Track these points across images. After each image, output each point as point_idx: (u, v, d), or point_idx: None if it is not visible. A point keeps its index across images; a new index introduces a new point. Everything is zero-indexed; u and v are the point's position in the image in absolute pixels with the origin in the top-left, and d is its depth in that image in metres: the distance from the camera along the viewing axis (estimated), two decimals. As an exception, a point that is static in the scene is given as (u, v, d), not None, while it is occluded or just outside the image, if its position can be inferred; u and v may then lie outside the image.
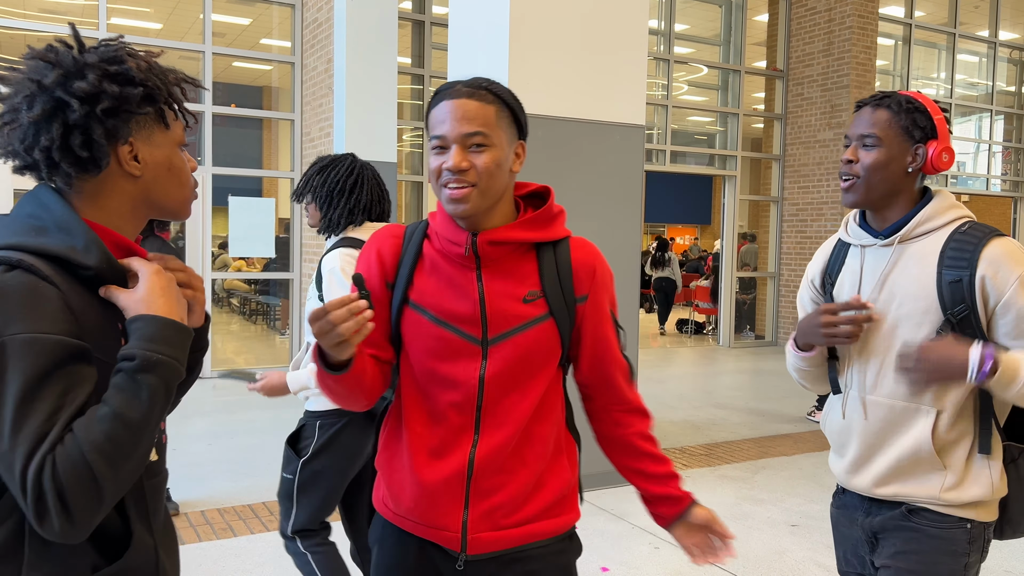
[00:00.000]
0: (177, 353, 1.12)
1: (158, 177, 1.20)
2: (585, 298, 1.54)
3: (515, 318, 1.48)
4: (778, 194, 11.54)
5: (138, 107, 1.16)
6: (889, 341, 1.76)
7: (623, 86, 4.81)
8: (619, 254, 4.88)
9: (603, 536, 4.16)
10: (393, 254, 1.53)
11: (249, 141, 10.15)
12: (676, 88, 11.45)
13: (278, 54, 9.16)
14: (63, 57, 1.14)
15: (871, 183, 1.75)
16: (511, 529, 1.51)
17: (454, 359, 1.48)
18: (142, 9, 8.93)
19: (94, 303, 1.13)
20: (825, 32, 10.79)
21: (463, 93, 1.43)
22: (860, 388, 1.83)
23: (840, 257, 1.90)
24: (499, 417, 1.49)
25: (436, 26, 9.36)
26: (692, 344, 12.19)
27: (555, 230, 1.53)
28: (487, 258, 1.48)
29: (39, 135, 1.12)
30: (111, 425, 1.03)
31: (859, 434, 1.84)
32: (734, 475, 5.27)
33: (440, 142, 1.42)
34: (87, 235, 1.12)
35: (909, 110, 1.73)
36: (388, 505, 1.56)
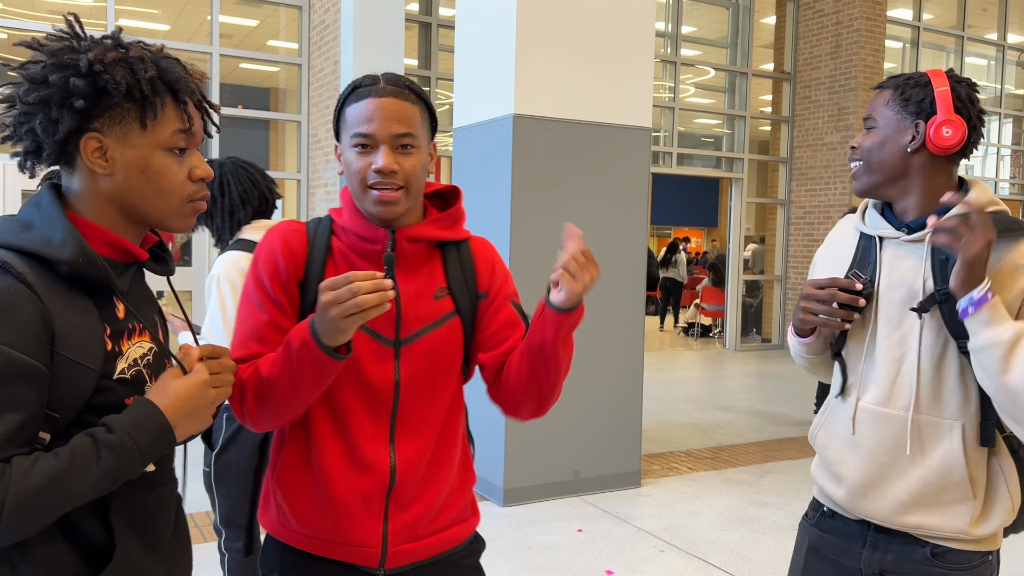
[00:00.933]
0: (150, 455, 1.10)
1: (130, 179, 1.14)
2: (486, 294, 1.52)
3: (427, 315, 1.44)
4: (785, 197, 11.51)
5: (90, 100, 1.10)
6: (903, 349, 1.57)
7: (630, 88, 4.80)
8: (625, 256, 4.87)
9: (608, 539, 4.14)
10: (300, 248, 1.43)
11: (256, 142, 10.17)
12: (683, 90, 11.43)
13: (285, 56, 9.17)
14: (48, 48, 1.13)
15: (870, 166, 1.61)
16: (429, 537, 1.48)
17: (367, 363, 1.40)
18: (150, 11, 8.95)
19: (76, 302, 1.09)
20: (833, 35, 10.76)
21: (390, 92, 1.38)
22: (873, 398, 1.61)
23: (870, 250, 1.66)
24: (415, 423, 1.44)
25: (443, 28, 9.37)
26: (698, 347, 12.16)
27: (460, 230, 1.52)
28: (401, 256, 1.44)
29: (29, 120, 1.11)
30: (47, 484, 1.00)
31: (870, 452, 1.61)
32: (740, 479, 5.25)
33: (367, 140, 1.37)
34: (65, 229, 1.08)
35: (907, 86, 1.57)
36: (289, 526, 1.45)
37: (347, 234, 1.45)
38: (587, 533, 4.21)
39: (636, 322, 4.94)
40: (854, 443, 1.64)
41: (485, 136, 4.74)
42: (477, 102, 4.83)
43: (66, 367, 1.06)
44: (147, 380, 1.18)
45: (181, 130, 1.17)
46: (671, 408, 7.41)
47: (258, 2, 8.70)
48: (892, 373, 1.58)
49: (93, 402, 1.09)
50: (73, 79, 1.09)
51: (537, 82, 4.51)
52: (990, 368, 1.43)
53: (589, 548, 4.02)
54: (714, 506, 4.69)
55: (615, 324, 4.85)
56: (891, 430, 1.58)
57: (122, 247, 1.16)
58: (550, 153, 4.58)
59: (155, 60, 1.15)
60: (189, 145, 1.19)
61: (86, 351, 1.08)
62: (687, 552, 4.00)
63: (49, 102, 1.10)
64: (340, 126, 1.43)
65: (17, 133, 1.12)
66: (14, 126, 1.12)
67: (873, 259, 1.64)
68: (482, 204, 4.75)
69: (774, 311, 11.76)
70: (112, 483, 1.07)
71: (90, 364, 1.08)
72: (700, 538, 4.19)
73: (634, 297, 4.93)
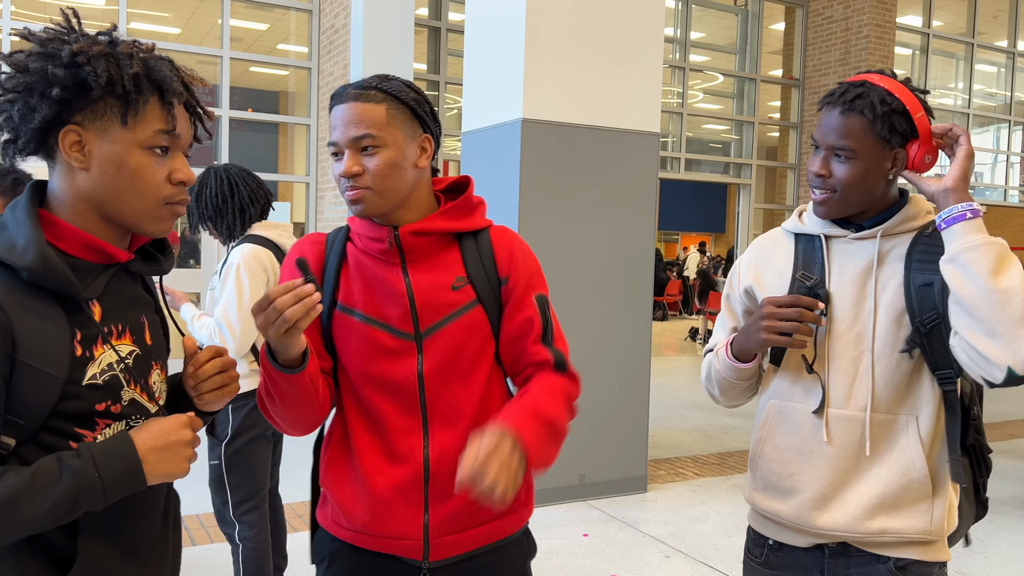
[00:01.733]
0: (113, 488, 1.07)
1: (106, 175, 1.11)
2: (507, 279, 1.51)
3: (445, 307, 1.45)
4: (793, 203, 11.49)
5: (71, 91, 1.08)
6: (860, 347, 1.53)
7: (638, 93, 4.81)
8: (632, 261, 4.87)
9: (614, 544, 4.14)
10: (315, 260, 1.50)
11: (265, 145, 10.21)
12: (691, 96, 11.44)
13: (295, 59, 9.22)
14: (38, 38, 1.13)
15: (848, 199, 1.53)
16: (473, 529, 1.48)
17: (388, 358, 1.44)
18: (161, 14, 9.01)
19: (42, 308, 1.06)
20: (842, 41, 10.75)
21: (351, 96, 1.40)
22: (832, 401, 1.55)
23: (813, 249, 1.62)
24: (446, 413, 1.45)
25: (452, 32, 9.40)
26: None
27: (475, 220, 1.52)
28: (411, 251, 1.46)
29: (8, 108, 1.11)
30: (5, 502, 0.99)
31: (829, 458, 1.54)
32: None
33: (335, 148, 1.42)
34: (29, 234, 1.06)
35: (886, 114, 1.49)
36: (339, 523, 1.50)
37: (359, 238, 1.48)
38: (593, 538, 4.21)
39: (643, 326, 4.94)
40: (810, 452, 1.56)
41: (494, 140, 4.75)
42: (486, 106, 4.85)
43: (29, 374, 1.04)
44: (123, 385, 1.15)
45: (164, 130, 1.14)
46: (678, 413, 7.40)
47: (268, 6, 8.74)
48: (850, 374, 1.54)
49: (60, 408, 1.08)
50: (52, 68, 1.08)
51: (546, 86, 4.52)
52: (981, 267, 1.38)
53: (595, 553, 4.02)
54: (720, 512, 4.68)
55: (622, 329, 4.85)
56: (852, 433, 1.53)
57: (98, 248, 1.14)
58: (558, 158, 4.59)
59: (143, 58, 1.13)
60: (172, 146, 1.16)
61: (50, 358, 1.06)
62: (693, 558, 4.00)
63: (30, 90, 1.09)
64: None
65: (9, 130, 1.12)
66: None
67: (819, 259, 1.60)
68: (490, 208, 4.77)
69: (781, 317, 11.72)
70: (70, 510, 1.05)
71: (54, 371, 1.06)
72: (706, 544, 4.18)
73: (641, 302, 4.93)
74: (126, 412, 1.17)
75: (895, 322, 1.52)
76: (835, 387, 1.55)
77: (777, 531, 1.64)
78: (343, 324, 1.46)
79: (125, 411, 1.16)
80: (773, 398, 1.66)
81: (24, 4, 8.03)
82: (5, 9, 7.54)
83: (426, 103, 1.47)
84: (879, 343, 1.53)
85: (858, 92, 1.51)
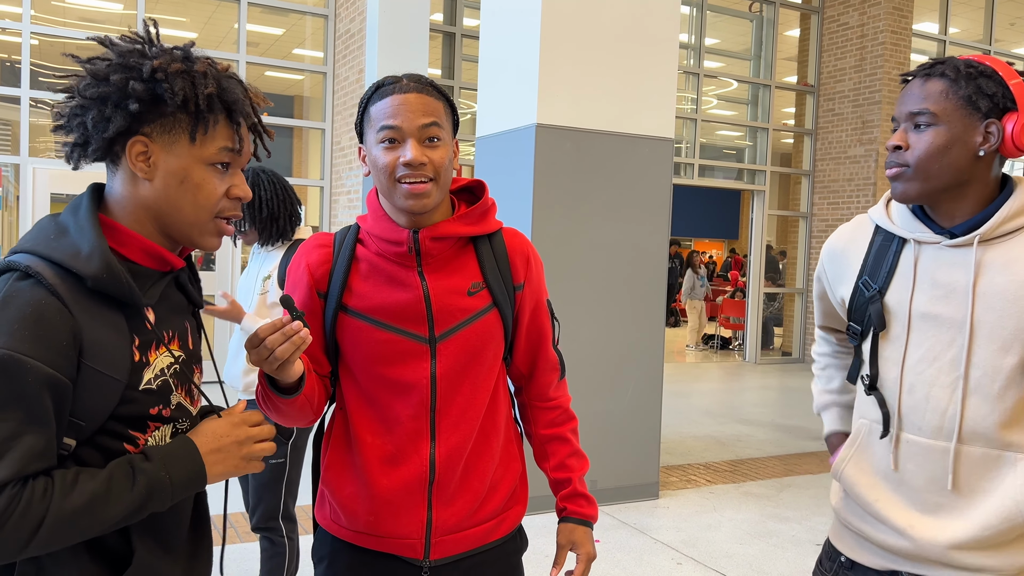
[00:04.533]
0: (180, 491, 1.13)
1: (168, 187, 1.14)
2: (522, 286, 1.54)
3: (461, 312, 1.46)
4: (807, 210, 11.45)
5: (145, 105, 1.11)
6: (955, 374, 1.35)
7: (653, 99, 4.80)
8: (646, 267, 4.87)
9: (625, 550, 4.13)
10: (321, 263, 1.49)
11: (280, 150, 10.27)
12: (706, 102, 11.42)
13: (310, 64, 9.27)
14: (119, 48, 1.15)
15: (929, 172, 1.32)
16: (474, 528, 1.51)
17: (402, 361, 1.44)
18: (178, 19, 9.08)
19: (105, 313, 1.09)
20: (857, 48, 10.71)
21: (412, 88, 1.39)
22: (921, 429, 1.38)
23: (886, 253, 1.44)
24: (454, 417, 1.46)
25: (467, 38, 9.42)
26: (718, 359, 12.09)
27: (490, 223, 1.52)
28: (428, 255, 1.45)
29: (83, 114, 1.13)
30: (84, 506, 1.03)
31: (918, 490, 1.39)
32: (759, 492, 5.21)
33: (394, 134, 1.37)
34: (93, 241, 1.08)
35: (971, 75, 1.30)
36: (339, 522, 1.52)
37: (373, 239, 1.47)
38: (604, 544, 4.20)
39: (656, 333, 4.93)
40: (898, 480, 1.42)
41: (508, 146, 4.76)
42: (500, 111, 4.86)
43: (93, 378, 1.07)
44: (172, 389, 1.19)
45: (229, 148, 1.18)
46: (690, 420, 7.38)
47: (284, 11, 8.80)
48: (943, 401, 1.36)
49: (118, 412, 1.11)
50: (133, 82, 1.11)
51: (560, 92, 4.53)
52: None
53: (606, 559, 4.01)
54: (733, 519, 4.66)
55: (635, 334, 4.85)
56: (943, 466, 1.36)
57: (158, 255, 1.17)
58: (572, 163, 4.59)
59: (217, 77, 1.16)
60: (234, 163, 1.20)
61: (113, 362, 1.09)
62: (705, 565, 3.98)
63: (106, 100, 1.11)
64: (364, 126, 1.44)
65: (69, 124, 1.14)
66: (68, 117, 1.14)
67: (890, 264, 1.43)
68: (504, 213, 4.77)
69: (795, 324, 11.68)
70: (139, 512, 1.09)
71: (117, 375, 1.09)
72: (718, 551, 4.16)
73: (654, 308, 4.92)
74: (174, 415, 1.21)
75: (1001, 349, 1.32)
76: (924, 415, 1.38)
77: (855, 549, 1.51)
78: (352, 328, 1.45)
79: (173, 414, 1.21)
80: (863, 417, 1.51)
81: (44, 8, 8.12)
82: (25, 13, 7.62)
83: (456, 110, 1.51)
84: (976, 372, 1.34)
85: (940, 60, 1.36)
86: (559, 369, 1.62)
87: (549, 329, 1.59)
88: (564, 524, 1.59)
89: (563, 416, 1.63)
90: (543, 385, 1.61)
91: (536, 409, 1.63)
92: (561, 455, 1.61)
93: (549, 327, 1.59)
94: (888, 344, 1.43)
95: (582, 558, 1.56)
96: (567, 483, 1.60)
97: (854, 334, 1.49)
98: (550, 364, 1.60)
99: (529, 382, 1.62)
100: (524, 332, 1.57)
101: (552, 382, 1.61)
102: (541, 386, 1.61)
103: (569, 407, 1.65)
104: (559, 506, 1.62)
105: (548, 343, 1.60)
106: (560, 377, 1.63)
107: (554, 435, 1.62)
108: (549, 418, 1.62)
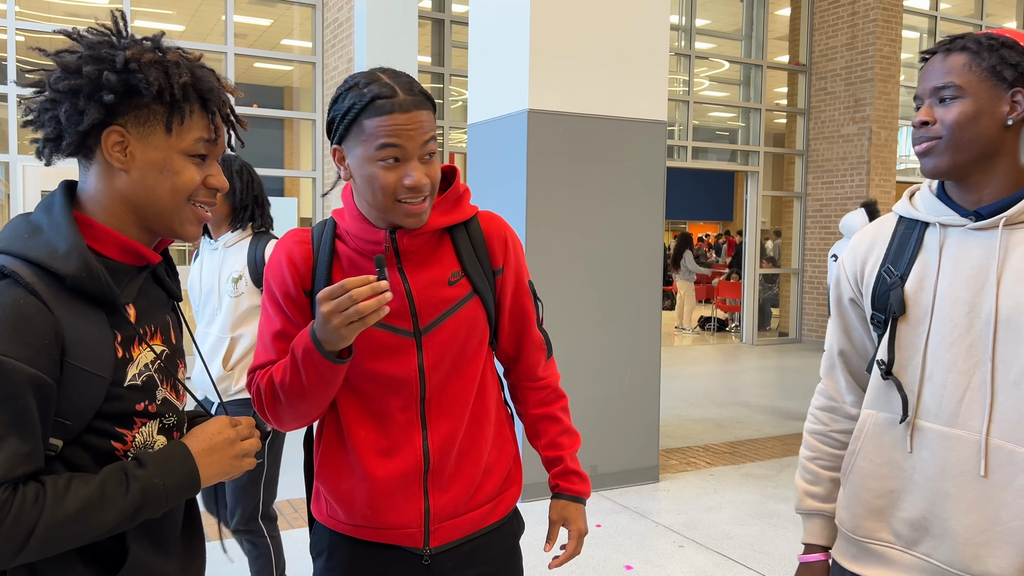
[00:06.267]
0: (173, 499, 1.12)
1: (147, 177, 1.13)
2: (501, 270, 1.54)
3: (443, 303, 1.46)
4: (801, 190, 11.44)
5: (120, 96, 1.10)
6: (972, 360, 1.32)
7: (644, 82, 4.78)
8: (641, 251, 4.86)
9: (626, 534, 4.14)
10: (304, 259, 1.48)
11: (271, 141, 10.21)
12: (697, 84, 11.38)
13: (299, 54, 9.21)
14: (87, 40, 1.13)
15: (959, 144, 1.31)
16: (471, 512, 1.52)
17: (389, 356, 1.45)
18: (165, 12, 9.01)
19: (84, 310, 1.08)
20: (849, 25, 10.67)
21: (411, 104, 1.35)
22: (937, 417, 1.35)
23: (908, 240, 1.43)
24: (444, 406, 1.48)
25: (456, 24, 9.37)
26: (715, 341, 12.11)
27: (464, 209, 1.51)
28: (407, 252, 1.46)
29: (55, 108, 1.11)
30: (76, 513, 1.02)
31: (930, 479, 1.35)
32: (759, 473, 5.23)
33: (397, 153, 1.34)
34: (71, 240, 1.07)
35: (993, 47, 1.31)
36: (336, 517, 1.52)
37: (352, 238, 1.47)
38: (606, 528, 4.21)
39: (653, 317, 4.92)
40: (911, 468, 1.39)
41: (500, 132, 4.73)
42: (491, 98, 4.83)
43: (78, 376, 1.06)
44: (158, 384, 1.18)
45: (205, 139, 1.17)
46: (688, 403, 7.39)
47: (272, 1, 8.73)
48: (960, 387, 1.33)
49: (104, 409, 1.10)
50: (107, 73, 1.09)
51: (551, 77, 4.50)
52: None
53: (608, 543, 4.02)
54: (733, 501, 4.67)
55: (632, 319, 4.84)
56: (959, 455, 1.32)
57: (134, 250, 1.15)
58: (565, 148, 4.57)
59: (191, 67, 1.15)
60: (210, 154, 1.19)
61: (97, 359, 1.08)
62: (706, 547, 3.99)
63: (78, 92, 1.09)
64: (352, 135, 1.38)
65: (41, 119, 1.12)
66: (39, 111, 1.12)
67: (912, 250, 1.41)
68: (498, 200, 4.75)
69: (791, 305, 11.70)
70: (133, 518, 1.08)
71: (101, 372, 1.08)
72: (719, 533, 4.17)
73: (650, 292, 4.91)
74: (160, 410, 1.19)
75: (1020, 336, 1.27)
76: (934, 399, 1.36)
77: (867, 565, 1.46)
78: None
79: (160, 409, 1.19)
80: (870, 408, 1.47)
81: (28, 4, 8.04)
82: (9, 10, 7.55)
83: None
84: (1002, 361, 1.29)
85: (959, 36, 1.36)
86: (545, 348, 1.63)
87: (532, 310, 1.60)
88: (556, 500, 1.62)
89: (552, 395, 1.64)
90: (531, 365, 1.62)
91: (525, 389, 1.64)
92: (552, 433, 1.63)
93: (532, 308, 1.60)
94: (909, 329, 1.40)
95: (574, 534, 1.59)
96: (559, 461, 1.62)
97: (877, 323, 1.46)
98: (536, 344, 1.62)
99: (516, 363, 1.63)
100: (507, 315, 1.58)
101: (540, 362, 1.62)
102: (529, 366, 1.62)
103: (558, 386, 1.66)
104: (551, 483, 1.63)
105: (532, 324, 1.60)
106: (547, 356, 1.64)
107: (544, 414, 1.63)
108: (538, 398, 1.64)
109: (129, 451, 1.14)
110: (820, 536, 1.59)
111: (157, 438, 1.18)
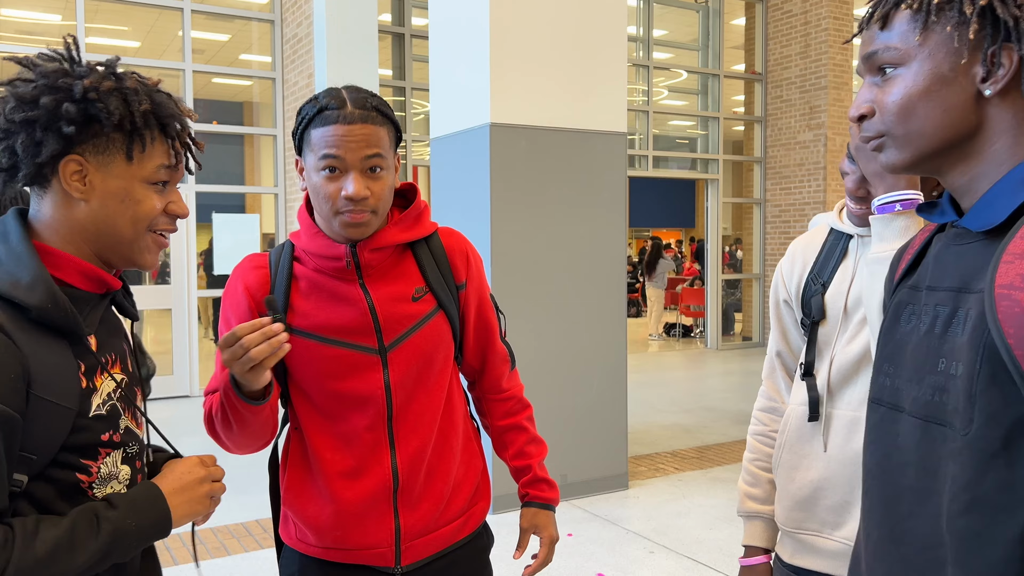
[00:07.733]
0: (144, 542, 1.10)
1: (107, 206, 1.11)
2: (464, 284, 1.55)
3: (408, 319, 1.46)
4: (760, 196, 11.62)
5: (79, 126, 1.07)
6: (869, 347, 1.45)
7: (604, 93, 4.84)
8: (605, 260, 4.91)
9: (597, 542, 4.16)
10: (261, 285, 1.47)
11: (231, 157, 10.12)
12: (656, 93, 11.52)
13: (258, 70, 9.15)
14: (42, 68, 1.10)
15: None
16: (441, 529, 1.52)
17: (354, 375, 1.44)
18: (120, 28, 8.90)
19: (48, 341, 1.05)
20: (802, 35, 10.89)
21: (357, 117, 1.36)
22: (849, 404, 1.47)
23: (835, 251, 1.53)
24: (412, 423, 1.47)
25: (416, 38, 9.38)
26: (680, 347, 12.23)
27: (425, 226, 1.52)
28: (368, 266, 1.45)
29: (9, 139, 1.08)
30: (47, 556, 0.99)
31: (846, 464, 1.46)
32: (726, 477, 5.29)
33: (336, 164, 1.36)
34: (35, 271, 1.04)
35: None
36: (306, 540, 1.51)
37: (310, 256, 1.46)
38: (577, 537, 4.23)
39: (618, 324, 4.97)
40: (828, 457, 1.49)
41: (462, 146, 4.76)
42: (453, 112, 4.85)
43: (44, 408, 1.03)
44: (120, 413, 1.15)
45: (166, 165, 1.15)
46: (656, 409, 7.45)
47: (229, 17, 8.67)
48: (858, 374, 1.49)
49: (69, 441, 1.07)
50: (66, 104, 1.06)
51: (512, 90, 4.54)
52: None
53: (579, 552, 4.04)
54: (702, 505, 4.72)
55: (597, 327, 4.88)
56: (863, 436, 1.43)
57: (97, 277, 1.13)
58: (528, 161, 4.61)
59: (149, 93, 1.13)
60: (171, 180, 1.17)
61: (63, 391, 1.05)
62: (677, 552, 4.03)
63: (35, 123, 1.07)
64: (304, 145, 1.41)
65: None
66: None
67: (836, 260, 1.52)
68: (462, 214, 4.77)
69: (754, 309, 11.86)
70: (103, 561, 1.05)
71: (67, 404, 1.05)
72: (689, 538, 4.22)
73: (616, 300, 4.96)
74: (124, 440, 1.17)
75: None
76: (840, 389, 1.51)
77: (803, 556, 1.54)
78: (299, 346, 1.44)
79: (123, 439, 1.16)
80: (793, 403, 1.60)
81: (-21, 22, 7.90)
82: (-41, 28, 7.41)
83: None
84: None
85: None
86: (509, 360, 1.65)
87: (495, 322, 1.62)
88: (527, 509, 1.63)
89: (518, 405, 1.66)
90: (495, 377, 1.63)
91: (491, 402, 1.66)
92: (519, 443, 1.64)
93: (495, 321, 1.62)
94: (825, 332, 1.52)
95: (545, 540, 1.60)
96: (527, 470, 1.63)
97: (804, 327, 1.58)
98: (500, 357, 1.63)
99: (481, 376, 1.64)
100: (472, 329, 1.58)
101: (504, 373, 1.64)
102: (493, 379, 1.64)
103: (523, 396, 1.68)
104: (521, 492, 1.64)
105: (496, 336, 1.62)
106: (511, 368, 1.66)
107: (511, 424, 1.65)
108: (504, 409, 1.65)
109: (94, 483, 1.11)
110: (760, 538, 1.66)
111: (121, 468, 1.15)
